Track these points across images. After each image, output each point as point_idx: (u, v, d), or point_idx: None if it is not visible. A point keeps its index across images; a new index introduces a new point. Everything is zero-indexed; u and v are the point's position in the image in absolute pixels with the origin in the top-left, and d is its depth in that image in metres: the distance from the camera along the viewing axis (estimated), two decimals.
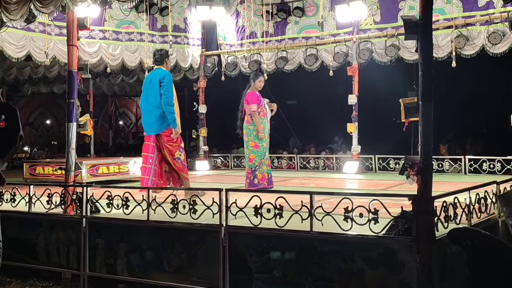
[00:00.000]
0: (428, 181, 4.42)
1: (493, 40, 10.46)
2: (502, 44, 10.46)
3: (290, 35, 13.06)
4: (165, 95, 7.32)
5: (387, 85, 13.39)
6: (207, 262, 5.29)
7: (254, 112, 8.46)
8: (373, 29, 12.00)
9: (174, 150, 7.44)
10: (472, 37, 10.80)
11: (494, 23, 10.54)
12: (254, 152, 8.55)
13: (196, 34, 13.86)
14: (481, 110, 15.46)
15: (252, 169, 8.51)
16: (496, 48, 10.53)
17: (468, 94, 14.31)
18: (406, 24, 4.95)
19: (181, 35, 13.60)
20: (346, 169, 12.03)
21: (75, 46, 6.87)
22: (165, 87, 7.35)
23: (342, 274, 4.64)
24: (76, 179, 7.06)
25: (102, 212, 6.17)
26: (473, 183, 6.07)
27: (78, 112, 6.92)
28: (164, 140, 7.42)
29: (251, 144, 8.56)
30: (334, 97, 14.80)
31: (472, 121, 15.80)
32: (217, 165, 13.75)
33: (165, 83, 7.38)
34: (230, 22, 13.68)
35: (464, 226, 4.87)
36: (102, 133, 22.65)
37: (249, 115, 8.52)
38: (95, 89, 16.52)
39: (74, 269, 6.11)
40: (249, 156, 8.60)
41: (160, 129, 7.40)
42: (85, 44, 11.72)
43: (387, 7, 11.79)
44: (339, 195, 5.02)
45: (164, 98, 7.32)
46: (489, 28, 10.55)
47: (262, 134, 8.52)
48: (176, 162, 7.49)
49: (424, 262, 4.27)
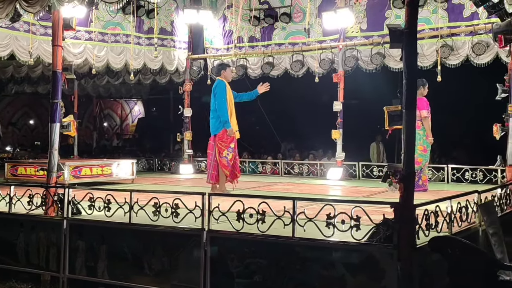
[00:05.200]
0: (410, 189, 4.44)
1: (477, 51, 10.57)
2: (485, 55, 10.56)
3: (276, 41, 13.08)
4: (216, 101, 8.67)
5: (372, 92, 13.45)
6: (188, 266, 5.27)
7: (426, 117, 9.00)
8: (359, 36, 12.06)
9: (223, 149, 8.67)
10: (456, 47, 10.90)
11: (478, 34, 10.65)
12: (422, 156, 9.07)
13: (182, 37, 13.84)
14: (464, 120, 15.59)
15: (418, 171, 8.92)
16: (480, 59, 10.65)
17: (452, 104, 14.41)
18: (392, 32, 4.99)
19: (168, 38, 13.56)
20: (330, 175, 12.06)
21: (60, 46, 6.83)
22: (217, 95, 8.71)
23: (323, 281, 4.65)
24: (58, 180, 7.01)
25: (83, 214, 6.11)
26: (455, 192, 6.12)
27: (62, 112, 6.87)
28: (217, 139, 8.73)
29: (420, 148, 9.01)
30: (319, 103, 14.85)
31: (456, 130, 15.93)
32: (201, 169, 13.71)
33: (216, 91, 8.73)
34: (217, 26, 13.68)
35: (445, 234, 4.90)
36: (86, 135, 22.49)
37: (420, 120, 8.91)
38: (80, 90, 16.41)
39: (54, 271, 6.05)
40: (417, 159, 8.86)
41: (216, 131, 8.75)
42: (70, 45, 11.65)
43: (374, 15, 11.86)
44: (322, 201, 5.03)
45: (216, 104, 8.67)
46: (474, 39, 10.67)
47: (431, 138, 9.08)
48: (222, 159, 8.68)
49: (404, 270, 4.29)
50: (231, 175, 8.90)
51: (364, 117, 14.51)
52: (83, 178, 10.16)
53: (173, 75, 14.18)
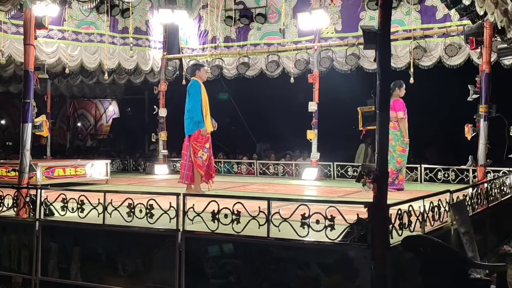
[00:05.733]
0: (384, 189, 4.48)
1: (449, 52, 10.74)
2: (458, 56, 10.73)
3: (252, 41, 13.07)
4: (191, 102, 8.71)
5: (347, 93, 13.54)
6: (163, 267, 5.25)
7: (401, 119, 9.29)
8: (334, 37, 12.13)
9: (198, 149, 8.69)
10: (429, 48, 11.05)
11: (451, 35, 10.81)
12: (401, 156, 9.40)
13: (158, 37, 13.76)
14: (437, 120, 15.79)
15: (397, 170, 9.33)
16: (452, 60, 10.81)
17: (426, 104, 14.58)
18: (365, 34, 5.03)
19: (143, 38, 13.46)
20: (305, 175, 12.11)
21: (32, 45, 6.74)
22: (191, 96, 8.75)
23: (298, 281, 4.67)
24: (30, 181, 6.91)
25: (56, 215, 6.05)
26: (428, 191, 6.19)
27: (34, 112, 6.78)
28: (192, 140, 8.75)
29: (398, 148, 9.36)
30: (294, 104, 14.89)
31: (429, 131, 16.12)
32: (176, 169, 13.61)
33: (191, 91, 8.77)
34: (193, 26, 13.63)
35: (418, 233, 4.96)
36: (60, 135, 22.17)
37: (396, 121, 9.25)
38: (53, 90, 16.18)
39: (26, 274, 5.97)
40: (397, 159, 9.35)
41: (191, 131, 8.76)
42: (43, 44, 11.47)
43: (348, 17, 11.94)
44: (297, 201, 5.05)
45: (190, 104, 8.70)
46: (446, 41, 10.83)
47: (407, 139, 9.33)
48: (197, 160, 8.70)
49: (378, 269, 4.33)
50: (206, 176, 8.88)
51: (340, 118, 14.59)
52: (56, 179, 10.03)
53: (148, 75, 14.08)
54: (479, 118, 8.78)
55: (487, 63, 8.47)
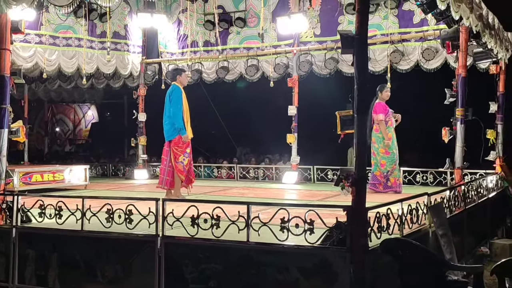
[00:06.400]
0: (362, 192, 4.51)
1: (427, 56, 10.88)
2: (435, 60, 10.88)
3: (231, 45, 13.08)
4: (172, 108, 8.63)
5: (327, 97, 13.62)
6: (142, 273, 5.22)
7: (381, 121, 9.48)
8: (313, 41, 12.20)
9: (179, 154, 8.65)
10: (407, 52, 11.17)
11: (428, 40, 10.96)
12: (385, 158, 9.57)
13: (136, 41, 13.69)
14: (415, 123, 15.93)
15: (384, 173, 9.54)
16: (430, 64, 10.95)
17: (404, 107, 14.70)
18: (343, 38, 5.09)
19: (121, 42, 13.39)
20: (285, 179, 12.14)
21: (8, 50, 6.65)
22: (172, 102, 8.67)
23: (278, 285, 4.67)
24: (7, 187, 6.83)
25: (33, 222, 5.97)
26: (406, 194, 6.25)
27: (11, 118, 6.70)
28: (172, 145, 8.69)
29: (381, 151, 9.57)
30: (274, 107, 14.92)
31: (410, 134, 16.27)
32: (156, 173, 13.54)
33: (172, 98, 8.68)
34: (172, 30, 13.60)
35: (396, 236, 5.00)
36: (38, 140, 21.90)
37: (377, 124, 9.48)
38: (31, 95, 15.98)
39: (2, 281, 5.88)
40: (380, 162, 9.58)
41: (171, 137, 8.72)
42: (20, 48, 11.33)
43: (327, 21, 12.01)
44: (276, 205, 5.06)
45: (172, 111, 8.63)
46: (423, 45, 10.97)
47: (388, 141, 9.51)
48: (178, 165, 8.66)
49: (357, 272, 4.35)
50: (186, 181, 8.86)
51: (319, 121, 14.66)
52: (33, 185, 9.91)
53: (127, 79, 14.01)
54: (455, 121, 8.87)
55: (463, 67, 8.59)
